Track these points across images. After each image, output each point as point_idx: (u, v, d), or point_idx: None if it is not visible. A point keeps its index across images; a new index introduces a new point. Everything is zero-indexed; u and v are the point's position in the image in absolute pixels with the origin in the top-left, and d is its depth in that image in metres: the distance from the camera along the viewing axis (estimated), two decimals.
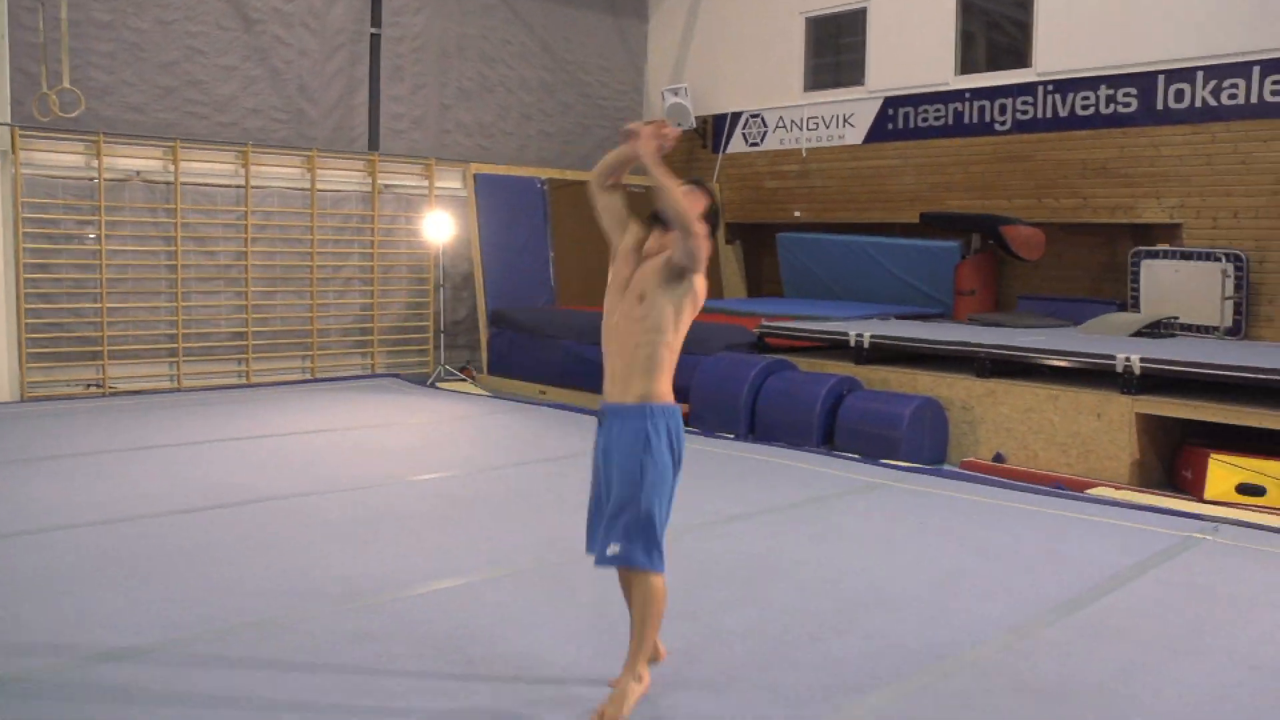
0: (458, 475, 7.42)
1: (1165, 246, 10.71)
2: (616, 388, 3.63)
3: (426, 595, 4.83)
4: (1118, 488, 7.70)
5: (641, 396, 3.57)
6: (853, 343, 9.48)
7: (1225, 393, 7.70)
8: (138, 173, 10.94)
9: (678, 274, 3.57)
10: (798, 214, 13.66)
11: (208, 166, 11.37)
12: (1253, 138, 10.26)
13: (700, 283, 3.63)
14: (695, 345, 10.29)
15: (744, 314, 11.48)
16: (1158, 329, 10.20)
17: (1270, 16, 10.04)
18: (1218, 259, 10.26)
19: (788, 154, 13.77)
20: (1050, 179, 11.54)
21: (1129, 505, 7.06)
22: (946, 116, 12.27)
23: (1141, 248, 10.79)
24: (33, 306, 10.44)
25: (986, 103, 11.96)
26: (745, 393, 9.19)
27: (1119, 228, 11.26)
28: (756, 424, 9.20)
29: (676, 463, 3.63)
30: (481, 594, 4.88)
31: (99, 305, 10.79)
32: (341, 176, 12.32)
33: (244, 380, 11.55)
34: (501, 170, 12.75)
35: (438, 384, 11.72)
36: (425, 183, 12.88)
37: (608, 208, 3.80)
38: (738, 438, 9.12)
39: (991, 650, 4.35)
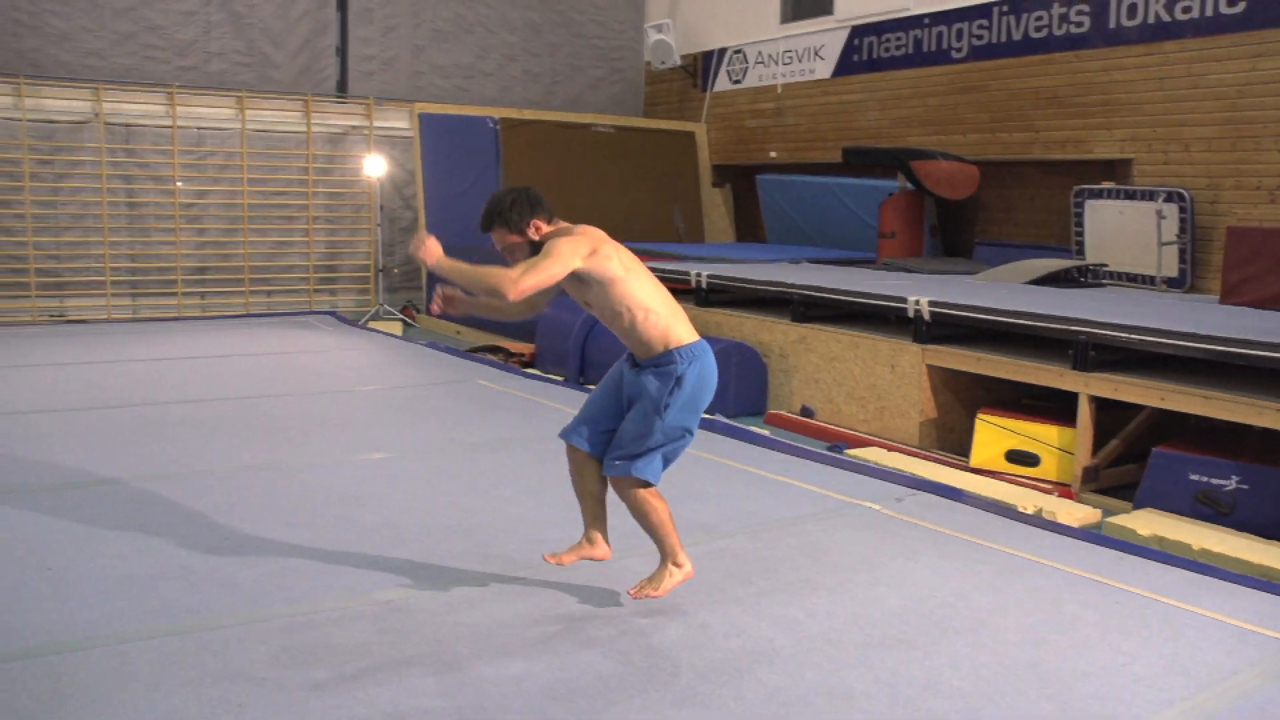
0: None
1: (1109, 185, 9.40)
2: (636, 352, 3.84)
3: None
4: (889, 448, 6.84)
5: (661, 349, 3.75)
6: (693, 284, 8.82)
7: (1027, 346, 6.67)
8: (95, 114, 11.46)
9: (575, 284, 3.73)
10: (773, 154, 12.83)
11: (151, 108, 11.73)
12: (1207, 56, 8.84)
13: (581, 262, 3.64)
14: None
15: (671, 256, 10.87)
16: (1082, 277, 9.00)
17: None
18: (1156, 198, 8.92)
19: (765, 91, 12.94)
20: (1004, 111, 10.34)
21: (858, 467, 6.26)
22: (907, 45, 11.20)
23: (1085, 186, 9.52)
24: None
25: (944, 28, 10.82)
26: (576, 334, 8.73)
27: (1085, 164, 9.96)
28: (586, 365, 8.73)
29: (703, 394, 3.80)
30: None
31: (59, 240, 11.44)
32: (276, 117, 12.40)
33: (179, 314, 11.90)
34: (450, 109, 12.57)
35: (369, 323, 11.74)
36: (369, 123, 12.82)
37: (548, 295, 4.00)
38: (567, 380, 8.69)
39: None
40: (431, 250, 3.69)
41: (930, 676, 3.50)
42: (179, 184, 11.93)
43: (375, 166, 12.13)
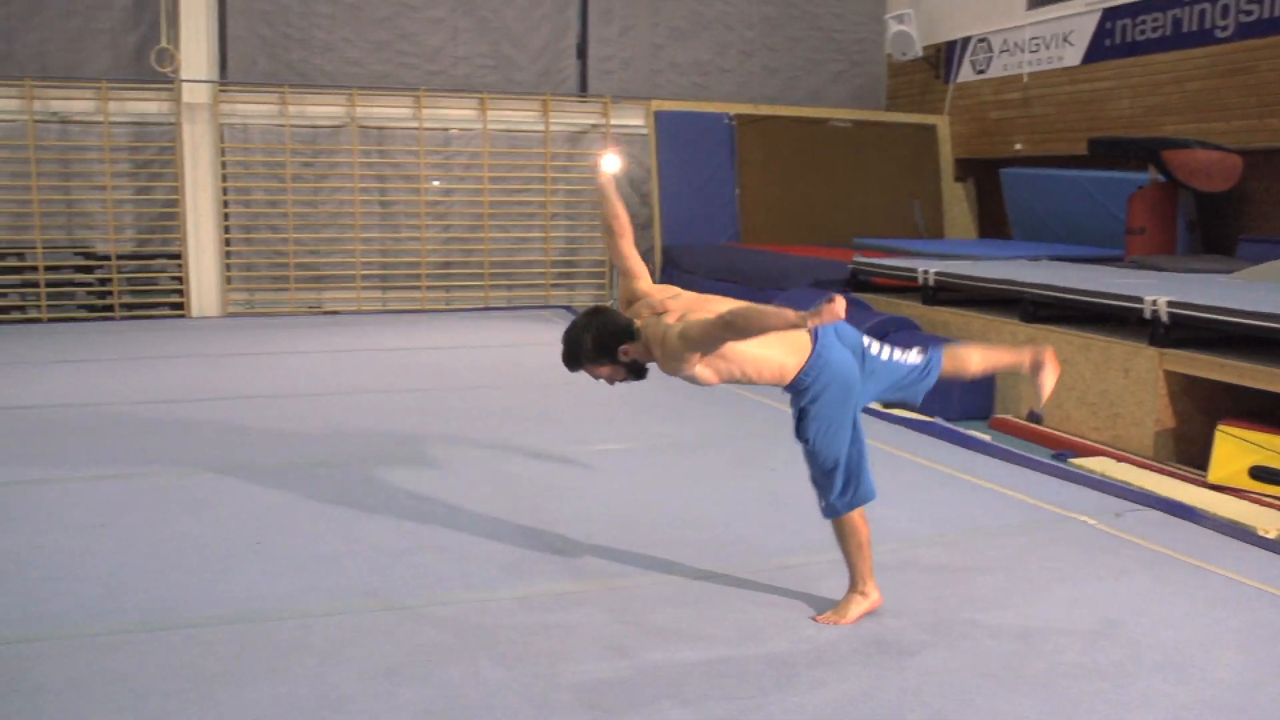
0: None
1: None
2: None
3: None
4: (1119, 458, 6.38)
5: (792, 378, 3.75)
6: (920, 282, 8.50)
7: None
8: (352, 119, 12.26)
9: (712, 356, 3.77)
10: (1018, 147, 12.20)
11: (400, 111, 12.39)
12: None
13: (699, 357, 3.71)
14: (783, 279, 9.78)
15: (904, 253, 10.52)
16: None
17: None
18: None
19: (1011, 81, 12.31)
20: (1275, 94, 9.42)
21: (1078, 477, 5.86)
22: (1165, 25, 10.38)
23: None
24: (262, 236, 12.21)
25: (1208, 6, 9.95)
26: None
27: None
28: None
29: (846, 394, 3.73)
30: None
31: (317, 236, 12.32)
32: (516, 117, 12.83)
33: (423, 306, 12.56)
34: (685, 106, 12.64)
35: None
36: (606, 121, 13.06)
37: None
38: None
39: None
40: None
41: (1114, 712, 3.22)
42: (436, 183, 12.60)
43: (612, 164, 12.33)
